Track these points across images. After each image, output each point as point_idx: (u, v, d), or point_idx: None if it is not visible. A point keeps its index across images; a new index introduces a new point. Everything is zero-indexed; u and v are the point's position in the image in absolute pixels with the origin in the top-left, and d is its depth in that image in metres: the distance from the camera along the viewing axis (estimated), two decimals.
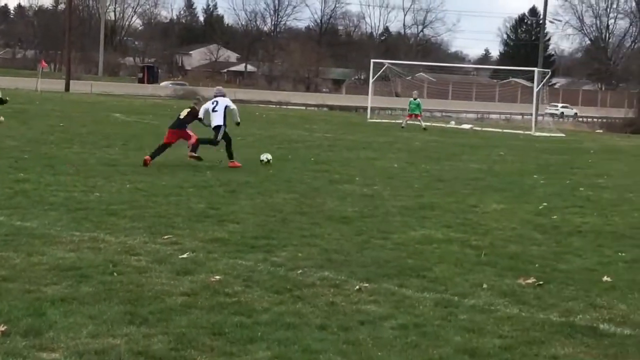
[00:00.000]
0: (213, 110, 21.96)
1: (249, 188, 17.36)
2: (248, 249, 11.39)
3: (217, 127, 21.81)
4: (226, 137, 21.86)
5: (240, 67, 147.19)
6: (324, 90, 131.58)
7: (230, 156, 21.61)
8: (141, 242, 11.48)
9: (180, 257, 10.65)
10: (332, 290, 9.47)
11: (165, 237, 11.85)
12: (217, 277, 9.72)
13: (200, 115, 21.89)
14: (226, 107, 22.00)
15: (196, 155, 21.35)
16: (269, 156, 22.66)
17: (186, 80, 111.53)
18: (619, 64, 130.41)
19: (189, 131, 21.48)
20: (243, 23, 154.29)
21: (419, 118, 45.63)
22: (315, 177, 19.96)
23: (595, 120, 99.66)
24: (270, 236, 12.29)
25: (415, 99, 46.21)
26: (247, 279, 9.74)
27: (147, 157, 20.43)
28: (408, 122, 45.68)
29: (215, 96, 22.47)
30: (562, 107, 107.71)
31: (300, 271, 10.23)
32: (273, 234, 12.51)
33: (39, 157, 20.90)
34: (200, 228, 12.68)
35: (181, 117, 21.57)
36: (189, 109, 21.74)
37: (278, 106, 76.19)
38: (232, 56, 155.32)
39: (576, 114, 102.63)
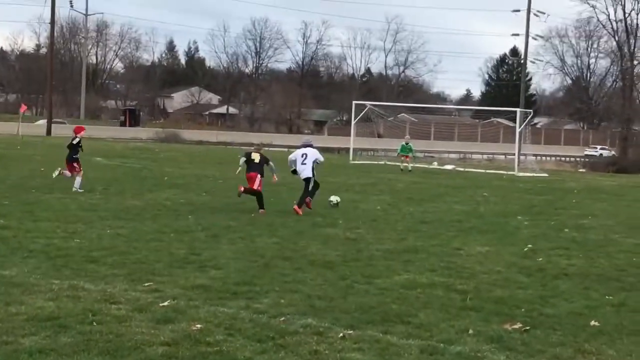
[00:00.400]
0: (302, 163, 22.32)
1: (231, 232, 17.19)
2: (230, 295, 11.21)
3: (307, 179, 22.24)
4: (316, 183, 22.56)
5: (222, 109, 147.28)
6: (306, 131, 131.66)
7: (300, 204, 21.77)
8: (121, 289, 11.29)
9: (161, 305, 10.46)
10: (315, 338, 9.29)
11: (146, 284, 11.67)
12: (199, 325, 9.53)
13: (289, 164, 22.88)
14: (315, 160, 22.39)
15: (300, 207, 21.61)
16: (338, 198, 23.46)
17: (168, 123, 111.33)
18: (600, 103, 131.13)
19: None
20: (225, 65, 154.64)
21: (408, 159, 46.02)
22: (298, 220, 19.80)
23: (578, 159, 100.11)
24: (252, 282, 12.11)
25: (407, 143, 46.71)
26: (229, 327, 9.56)
27: (262, 210, 21.18)
28: (404, 163, 45.92)
29: (305, 146, 22.84)
30: (601, 149, 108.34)
31: (283, 318, 10.05)
32: (255, 279, 12.33)
33: (19, 203, 20.67)
34: (181, 274, 12.50)
35: (256, 161, 22.01)
36: (258, 153, 22.28)
37: (259, 147, 76.00)
38: (214, 98, 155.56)
39: (614, 154, 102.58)
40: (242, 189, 21.68)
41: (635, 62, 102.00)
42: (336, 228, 18.78)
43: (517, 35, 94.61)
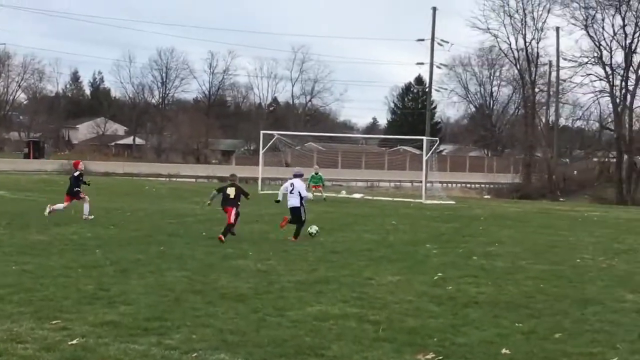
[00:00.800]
0: (290, 192, 24.04)
1: (140, 266, 16.94)
2: (141, 331, 11.01)
3: (293, 209, 24.00)
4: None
5: (129, 140, 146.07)
6: (213, 161, 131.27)
7: (296, 235, 23.79)
8: (28, 328, 11.01)
9: (69, 343, 10.22)
10: None
11: (54, 322, 11.40)
12: None
13: (279, 197, 25.01)
14: (300, 193, 23.95)
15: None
16: (317, 228, 24.52)
17: (73, 154, 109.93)
18: (503, 131, 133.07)
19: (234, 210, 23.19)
20: (130, 95, 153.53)
21: (320, 189, 46.44)
22: (208, 253, 19.62)
23: (483, 186, 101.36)
24: (163, 317, 11.93)
25: (317, 173, 47.28)
26: None
27: (220, 236, 22.10)
28: (315, 193, 46.11)
29: (295, 176, 24.54)
30: None
31: (195, 354, 9.91)
32: (166, 314, 12.15)
33: None
34: (90, 311, 12.25)
35: (231, 196, 23.25)
36: (233, 187, 23.52)
37: (168, 179, 75.61)
38: (120, 129, 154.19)
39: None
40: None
41: (537, 90, 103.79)
42: (247, 259, 18.66)
43: (422, 64, 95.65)
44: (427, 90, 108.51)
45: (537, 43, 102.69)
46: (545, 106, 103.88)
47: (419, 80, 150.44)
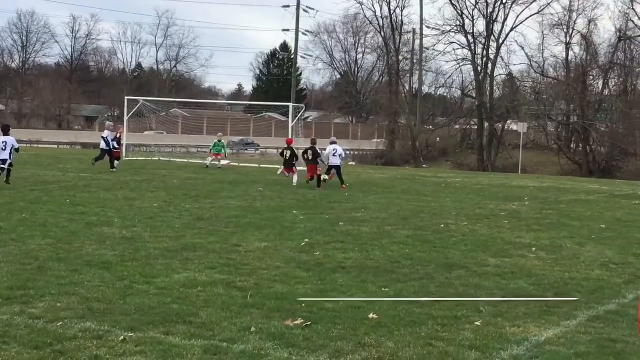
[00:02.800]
0: (333, 155, 34.52)
1: (2, 234, 16.51)
2: (3, 301, 10.74)
3: (336, 167, 34.62)
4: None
5: None
6: (76, 127, 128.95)
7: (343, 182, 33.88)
8: None
9: None
10: (95, 342, 9.02)
11: None
12: None
13: (324, 159, 34.51)
14: (341, 154, 35.16)
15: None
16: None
17: None
18: (368, 98, 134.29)
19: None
20: None
21: (220, 157, 46.18)
22: (72, 220, 19.27)
23: (348, 152, 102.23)
24: (26, 286, 11.66)
25: (220, 141, 47.11)
26: (3, 335, 9.15)
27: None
28: (212, 161, 45.84)
29: (332, 143, 35.04)
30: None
31: (60, 323, 9.72)
32: (29, 283, 11.88)
33: None
34: None
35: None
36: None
37: (29, 145, 73.97)
38: None
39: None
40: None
41: (401, 58, 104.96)
42: (112, 227, 18.39)
43: (288, 30, 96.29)
44: (292, 57, 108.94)
45: (402, 11, 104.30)
46: (409, 74, 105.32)
47: (284, 46, 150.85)
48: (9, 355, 8.47)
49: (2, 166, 26.58)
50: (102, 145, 39.93)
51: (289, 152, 34.36)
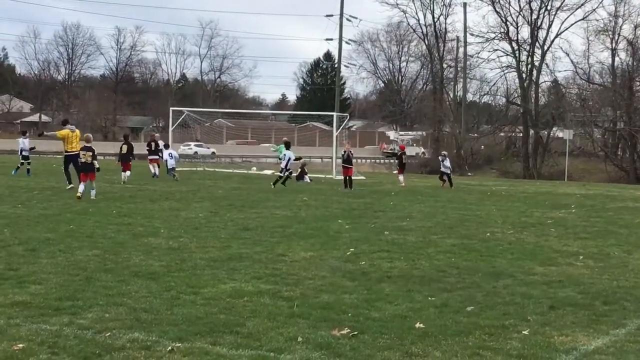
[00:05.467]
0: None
1: (50, 245, 16.67)
2: (52, 311, 10.83)
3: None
4: None
5: (35, 117, 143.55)
6: (121, 139, 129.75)
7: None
8: None
9: None
10: (143, 352, 9.07)
11: None
12: (20, 345, 9.16)
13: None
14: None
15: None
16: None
17: None
18: (412, 106, 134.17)
19: None
20: (36, 72, 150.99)
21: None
22: (119, 231, 19.40)
23: (392, 161, 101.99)
24: (75, 297, 11.75)
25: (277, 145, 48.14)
26: (52, 345, 9.22)
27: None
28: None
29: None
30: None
31: (108, 334, 9.78)
32: (78, 294, 11.97)
33: None
34: None
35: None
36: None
37: None
38: (26, 106, 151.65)
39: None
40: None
41: (445, 66, 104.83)
42: (158, 237, 18.49)
43: (331, 39, 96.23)
44: (336, 66, 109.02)
45: (445, 19, 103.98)
46: (453, 82, 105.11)
47: (327, 56, 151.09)
48: None
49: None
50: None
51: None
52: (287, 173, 39.10)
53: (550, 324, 10.92)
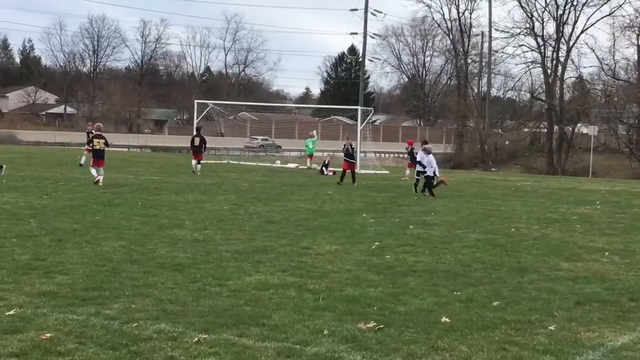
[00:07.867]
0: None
1: (76, 236, 16.75)
2: (79, 302, 10.89)
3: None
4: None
5: (60, 109, 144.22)
6: (146, 131, 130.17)
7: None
8: None
9: (6, 314, 10.06)
10: (169, 343, 9.10)
11: None
12: (48, 334, 9.21)
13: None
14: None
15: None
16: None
17: (3, 124, 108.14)
18: (436, 101, 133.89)
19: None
20: (61, 64, 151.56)
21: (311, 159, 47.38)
22: (144, 223, 19.47)
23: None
24: (101, 287, 11.81)
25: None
26: (80, 335, 9.27)
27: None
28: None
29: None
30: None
31: (135, 324, 9.81)
32: (104, 284, 12.03)
33: None
34: (26, 281, 12.08)
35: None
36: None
37: None
38: (51, 98, 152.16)
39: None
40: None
41: (469, 61, 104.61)
42: (183, 229, 18.54)
43: (355, 34, 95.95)
44: (360, 60, 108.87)
45: (470, 14, 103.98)
46: (477, 77, 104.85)
47: (352, 50, 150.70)
48: (85, 355, 8.57)
49: None
50: None
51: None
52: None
53: (577, 320, 10.89)
